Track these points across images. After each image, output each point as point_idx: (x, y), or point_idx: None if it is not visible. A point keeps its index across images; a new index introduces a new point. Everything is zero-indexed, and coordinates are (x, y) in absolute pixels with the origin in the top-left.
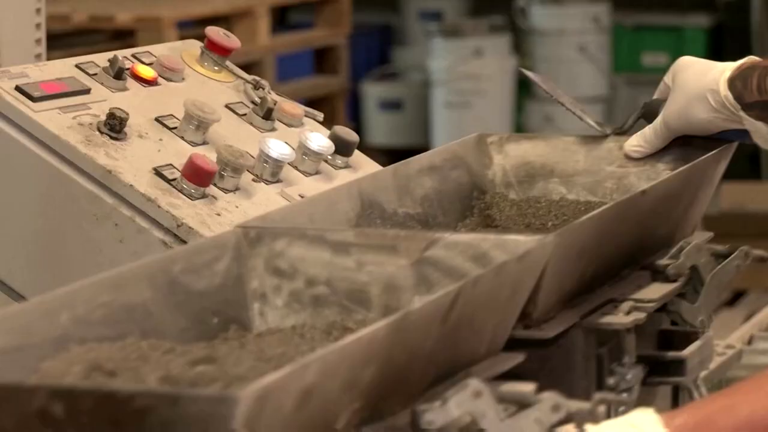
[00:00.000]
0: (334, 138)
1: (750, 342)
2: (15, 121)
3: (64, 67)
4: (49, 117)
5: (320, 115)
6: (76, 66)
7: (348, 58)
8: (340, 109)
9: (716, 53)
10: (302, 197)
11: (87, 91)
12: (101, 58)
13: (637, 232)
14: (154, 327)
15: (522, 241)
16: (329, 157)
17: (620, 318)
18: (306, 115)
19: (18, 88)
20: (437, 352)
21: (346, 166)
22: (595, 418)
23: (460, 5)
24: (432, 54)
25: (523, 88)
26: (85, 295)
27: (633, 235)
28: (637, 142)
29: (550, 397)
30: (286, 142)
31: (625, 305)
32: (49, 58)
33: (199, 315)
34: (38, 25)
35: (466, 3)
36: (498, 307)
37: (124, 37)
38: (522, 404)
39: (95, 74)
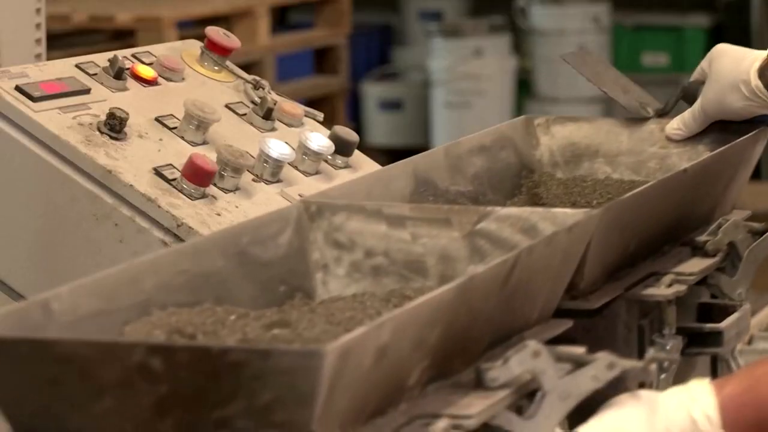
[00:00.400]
0: (334, 138)
1: (750, 342)
2: (15, 121)
3: (64, 67)
4: (49, 117)
5: (320, 115)
6: (76, 66)
7: (348, 58)
8: (340, 109)
9: None
10: (302, 197)
11: (87, 91)
12: (101, 58)
13: (679, 210)
14: (228, 294)
15: (570, 213)
16: (329, 157)
17: (662, 290)
18: (306, 115)
19: (18, 88)
20: (495, 316)
21: (346, 166)
22: (647, 376)
23: (460, 5)
24: (432, 54)
25: (523, 88)
26: (166, 263)
27: (674, 211)
28: (677, 125)
29: (604, 356)
30: (286, 142)
31: (667, 278)
32: (49, 58)
33: (267, 284)
34: (38, 25)
35: (466, 3)
36: (549, 276)
37: (124, 37)
38: (578, 363)
39: (95, 74)
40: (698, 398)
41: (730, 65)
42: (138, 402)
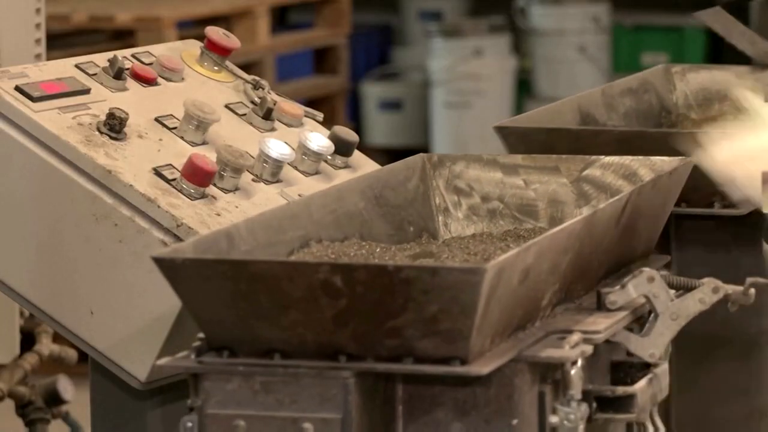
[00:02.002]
0: (334, 138)
1: None
2: (15, 121)
3: (64, 67)
4: (49, 117)
5: (320, 115)
6: (76, 66)
7: (348, 58)
8: (340, 109)
9: (716, 53)
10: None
11: (87, 91)
12: (101, 58)
13: None
14: (368, 231)
15: (666, 160)
16: (329, 157)
17: None
18: (306, 115)
19: (18, 88)
20: (610, 248)
21: (346, 166)
22: (748, 299)
23: (460, 5)
24: (432, 54)
25: (523, 88)
26: (318, 204)
27: None
28: None
29: (710, 281)
30: (286, 142)
31: None
32: (49, 58)
33: (399, 224)
34: (38, 25)
35: (466, 3)
36: (652, 215)
37: (124, 37)
38: (687, 288)
39: (95, 74)
40: None
41: None
42: (320, 314)
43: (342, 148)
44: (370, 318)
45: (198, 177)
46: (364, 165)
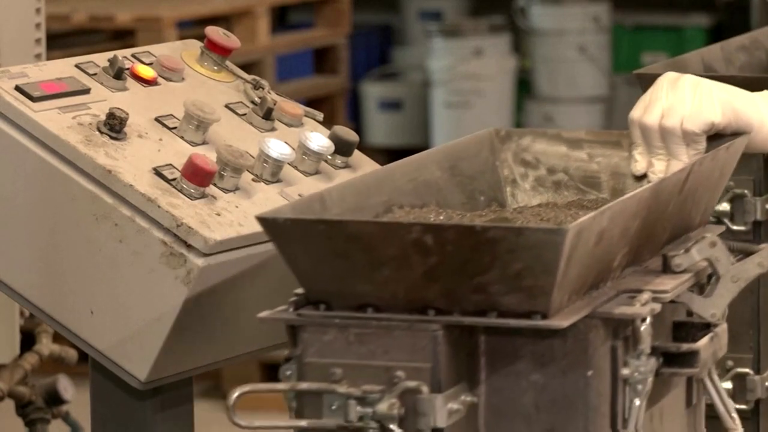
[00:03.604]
0: (334, 138)
1: None
2: (15, 121)
3: (64, 67)
4: (49, 117)
5: (320, 115)
6: (76, 66)
7: (348, 58)
8: (340, 109)
9: None
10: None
11: (87, 91)
12: (101, 58)
13: None
14: (444, 199)
15: (724, 138)
16: (329, 157)
17: None
18: (306, 115)
19: (18, 88)
20: (672, 216)
21: (346, 166)
22: None
23: (460, 5)
24: (432, 54)
25: (523, 88)
26: (399, 172)
27: None
28: None
29: None
30: (286, 142)
31: None
32: (49, 58)
33: (471, 193)
34: (38, 25)
35: (466, 3)
36: (710, 186)
37: (124, 37)
38: (746, 253)
39: (95, 74)
40: None
41: None
42: (411, 272)
43: (342, 148)
44: (458, 275)
45: (198, 177)
46: (364, 165)
